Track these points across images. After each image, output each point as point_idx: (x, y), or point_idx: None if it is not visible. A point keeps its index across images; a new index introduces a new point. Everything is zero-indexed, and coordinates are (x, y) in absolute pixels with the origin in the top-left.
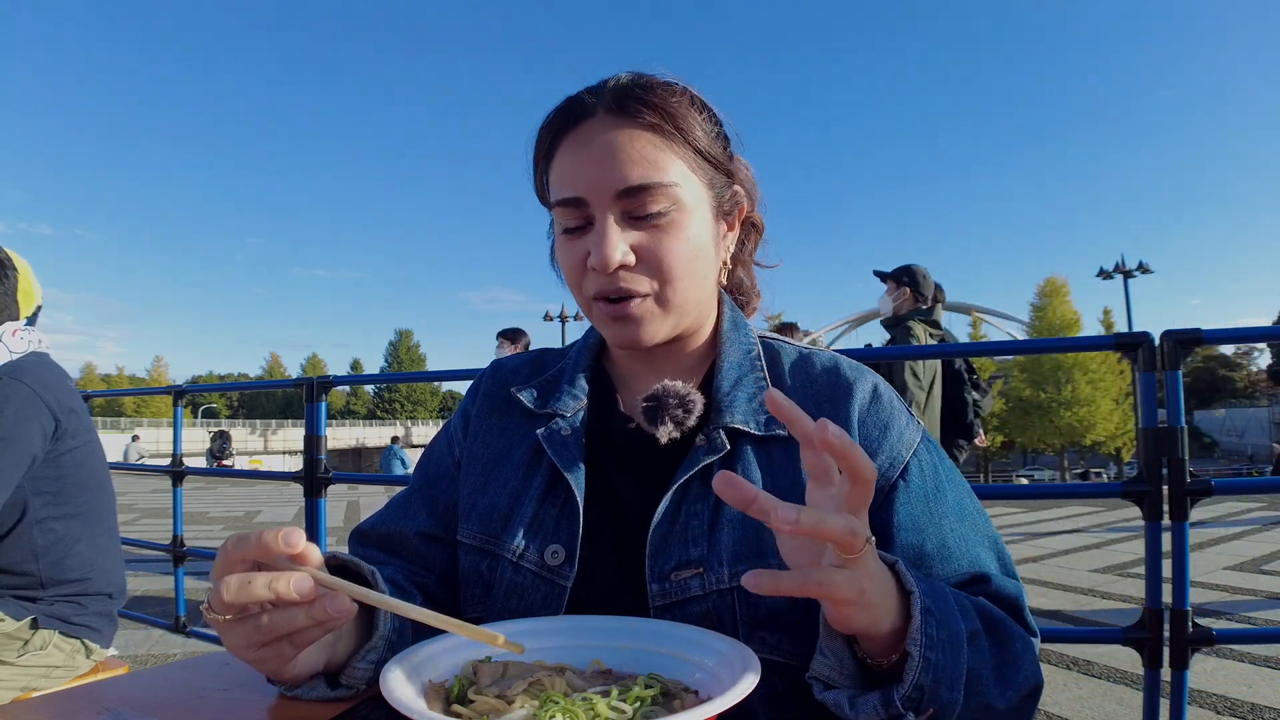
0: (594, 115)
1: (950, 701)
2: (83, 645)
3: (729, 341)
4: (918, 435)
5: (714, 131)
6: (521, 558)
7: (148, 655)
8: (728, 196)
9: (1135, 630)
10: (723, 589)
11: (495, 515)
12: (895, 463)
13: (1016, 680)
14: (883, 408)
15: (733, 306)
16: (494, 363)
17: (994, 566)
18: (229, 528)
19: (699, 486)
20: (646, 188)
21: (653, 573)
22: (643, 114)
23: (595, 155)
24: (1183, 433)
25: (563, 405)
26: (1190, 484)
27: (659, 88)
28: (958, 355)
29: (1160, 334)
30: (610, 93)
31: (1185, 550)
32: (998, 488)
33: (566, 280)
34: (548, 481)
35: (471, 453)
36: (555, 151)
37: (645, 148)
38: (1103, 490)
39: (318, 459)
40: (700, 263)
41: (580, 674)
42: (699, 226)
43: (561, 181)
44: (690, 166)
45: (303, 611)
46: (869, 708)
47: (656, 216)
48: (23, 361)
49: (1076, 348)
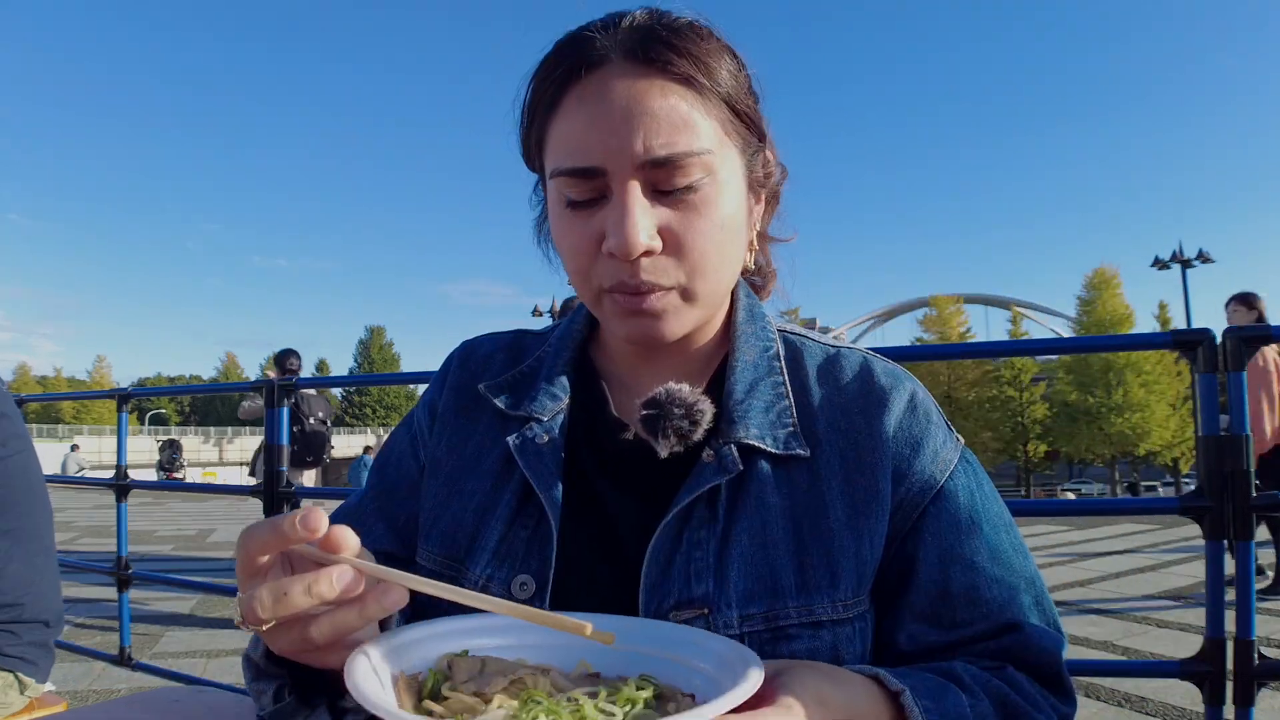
0: (609, 62)
1: None
2: (16, 679)
3: (744, 336)
4: (955, 455)
5: (746, 84)
6: (484, 588)
7: (88, 691)
8: (759, 164)
9: (1194, 663)
10: (731, 634)
11: (459, 536)
12: (928, 486)
13: None
14: (917, 421)
15: (749, 293)
16: (465, 344)
17: (1031, 615)
18: (179, 547)
19: (704, 510)
20: (678, 158)
21: (648, 610)
22: (672, 63)
23: (615, 115)
24: (1248, 441)
25: (539, 407)
26: (1256, 499)
27: (686, 29)
28: (997, 355)
29: (1223, 331)
30: (628, 34)
31: (1250, 573)
32: (1040, 503)
33: (567, 265)
34: (519, 498)
35: (435, 459)
36: (559, 105)
37: (677, 105)
38: (1158, 506)
39: (279, 471)
40: (732, 247)
41: (566, 675)
42: (733, 202)
43: (570, 145)
44: (725, 129)
45: (355, 612)
46: None
47: (687, 191)
48: None
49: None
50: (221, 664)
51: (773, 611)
